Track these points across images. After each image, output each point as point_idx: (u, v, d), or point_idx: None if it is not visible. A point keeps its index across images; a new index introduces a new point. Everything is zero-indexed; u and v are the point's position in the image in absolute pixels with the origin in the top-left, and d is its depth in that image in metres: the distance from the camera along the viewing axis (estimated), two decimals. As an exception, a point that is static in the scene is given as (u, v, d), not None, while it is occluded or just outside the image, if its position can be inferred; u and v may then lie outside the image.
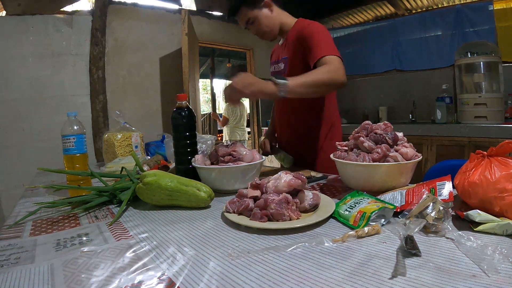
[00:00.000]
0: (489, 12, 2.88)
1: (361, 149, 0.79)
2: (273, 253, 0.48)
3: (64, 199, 0.79)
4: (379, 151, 0.74)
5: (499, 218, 0.51)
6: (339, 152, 0.84)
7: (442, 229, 0.50)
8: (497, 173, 0.54)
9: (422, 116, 3.27)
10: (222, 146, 0.87)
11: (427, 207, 0.52)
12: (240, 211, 0.63)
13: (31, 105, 2.36)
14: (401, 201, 0.62)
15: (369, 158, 0.75)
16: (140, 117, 2.77)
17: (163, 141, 1.50)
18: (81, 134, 0.94)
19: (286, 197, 0.61)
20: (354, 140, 0.82)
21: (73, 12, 2.52)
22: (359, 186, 0.77)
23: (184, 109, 0.96)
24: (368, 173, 0.74)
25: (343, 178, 0.83)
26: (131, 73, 2.79)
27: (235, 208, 0.64)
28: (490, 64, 2.63)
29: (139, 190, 0.76)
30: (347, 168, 0.79)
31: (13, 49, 2.29)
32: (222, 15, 3.43)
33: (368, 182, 0.75)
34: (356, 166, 0.75)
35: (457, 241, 0.46)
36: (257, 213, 0.60)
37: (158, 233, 0.59)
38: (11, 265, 0.48)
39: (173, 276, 0.43)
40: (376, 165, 0.73)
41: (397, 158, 0.73)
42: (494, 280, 0.37)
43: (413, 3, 3.49)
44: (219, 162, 0.86)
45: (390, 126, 0.81)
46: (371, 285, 0.38)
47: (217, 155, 0.86)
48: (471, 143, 2.46)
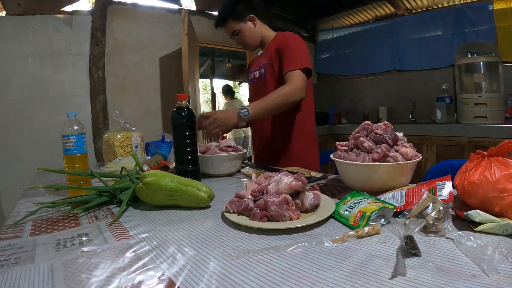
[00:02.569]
0: (489, 12, 2.88)
1: (361, 149, 0.79)
2: (273, 253, 0.48)
3: (64, 199, 0.79)
4: (379, 151, 0.74)
5: (499, 218, 0.51)
6: (338, 152, 0.84)
7: (442, 229, 0.50)
8: (497, 173, 0.54)
9: (422, 116, 3.27)
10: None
11: (427, 207, 0.52)
12: (240, 211, 0.63)
13: (31, 105, 2.36)
14: (401, 201, 0.62)
15: (369, 158, 0.75)
16: (140, 117, 2.77)
17: (163, 141, 1.50)
18: (81, 134, 0.94)
19: (286, 198, 0.61)
20: (354, 140, 0.82)
21: (73, 12, 2.52)
22: (359, 186, 0.77)
23: (184, 109, 0.96)
24: (368, 173, 0.74)
25: (343, 178, 0.83)
26: (131, 73, 2.78)
27: (235, 208, 0.64)
28: (490, 64, 2.63)
29: (139, 190, 0.76)
30: (348, 168, 0.78)
31: (13, 49, 2.29)
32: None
33: (368, 182, 0.75)
34: (356, 166, 0.75)
35: (457, 241, 0.46)
36: (257, 213, 0.60)
37: (158, 233, 0.59)
38: (11, 265, 0.48)
39: (173, 276, 0.43)
40: (376, 165, 0.73)
41: (397, 158, 0.73)
42: (494, 280, 0.37)
43: (413, 3, 3.49)
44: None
45: (390, 126, 0.81)
46: (371, 285, 0.38)
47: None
48: (471, 143, 2.46)
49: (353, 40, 3.97)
